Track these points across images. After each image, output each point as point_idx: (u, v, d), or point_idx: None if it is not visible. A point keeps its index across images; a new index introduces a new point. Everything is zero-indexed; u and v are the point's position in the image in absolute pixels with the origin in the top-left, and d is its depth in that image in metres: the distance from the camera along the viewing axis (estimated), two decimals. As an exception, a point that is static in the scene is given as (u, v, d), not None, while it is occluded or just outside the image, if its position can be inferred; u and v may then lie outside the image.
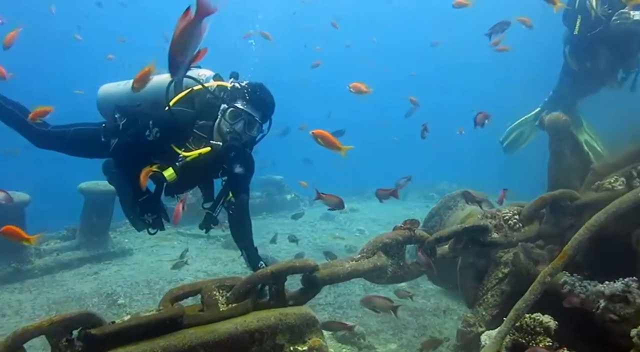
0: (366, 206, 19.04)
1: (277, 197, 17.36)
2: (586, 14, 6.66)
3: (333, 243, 12.80)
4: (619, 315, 3.81)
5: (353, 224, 15.67)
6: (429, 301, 8.19)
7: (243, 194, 4.89)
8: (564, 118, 4.82)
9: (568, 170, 4.89)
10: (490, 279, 4.92)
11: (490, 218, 4.10)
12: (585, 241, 3.65)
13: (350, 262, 3.63)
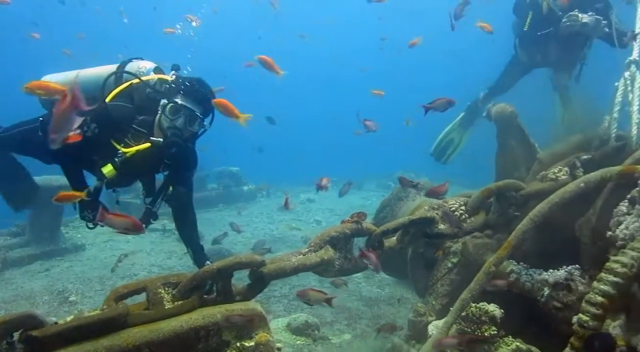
0: (324, 196, 18.97)
1: (234, 188, 17.21)
2: (538, 9, 6.79)
3: (289, 234, 12.78)
4: (562, 302, 3.90)
5: (310, 214, 15.68)
6: (383, 291, 8.26)
7: (182, 187, 4.80)
8: (510, 109, 4.88)
9: (515, 160, 4.97)
10: (439, 268, 4.99)
11: (437, 210, 4.13)
12: (529, 231, 3.71)
13: (297, 256, 3.61)
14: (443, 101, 4.62)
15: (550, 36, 6.86)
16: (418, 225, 3.94)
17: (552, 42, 7.00)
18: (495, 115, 4.95)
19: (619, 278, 3.05)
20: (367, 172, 22.75)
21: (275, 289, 8.14)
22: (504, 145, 5.00)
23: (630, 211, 3.59)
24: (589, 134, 4.89)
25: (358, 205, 16.61)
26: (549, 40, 6.95)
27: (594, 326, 3.07)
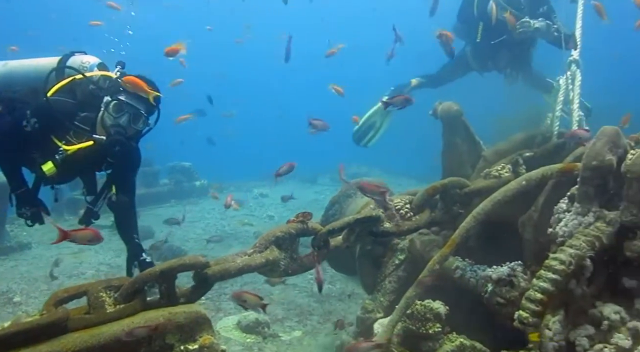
0: (277, 190, 18.94)
1: (186, 184, 16.98)
2: (487, 19, 6.91)
3: (242, 230, 12.71)
4: (505, 298, 3.96)
5: (263, 209, 15.60)
6: (334, 286, 8.29)
7: (126, 194, 4.69)
8: (456, 107, 4.94)
9: (460, 158, 5.03)
10: (387, 266, 5.02)
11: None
12: (472, 229, 3.76)
13: (242, 257, 3.58)
14: (402, 98, 4.69)
15: (502, 43, 7.00)
16: (363, 224, 3.95)
17: (503, 49, 7.14)
18: (441, 113, 4.99)
19: (557, 275, 3.11)
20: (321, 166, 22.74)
21: (227, 286, 8.07)
22: (449, 143, 5.05)
23: (569, 208, 3.66)
24: (532, 132, 5.00)
25: (311, 199, 16.60)
26: (500, 47, 7.08)
27: (533, 323, 3.13)
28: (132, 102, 4.33)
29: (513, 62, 7.33)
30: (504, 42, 6.96)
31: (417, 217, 4.22)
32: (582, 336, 3.29)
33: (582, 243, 3.21)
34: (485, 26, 7.01)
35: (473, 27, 7.21)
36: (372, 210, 4.12)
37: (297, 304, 7.58)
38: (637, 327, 3.19)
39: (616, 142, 3.44)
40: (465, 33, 7.56)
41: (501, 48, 7.08)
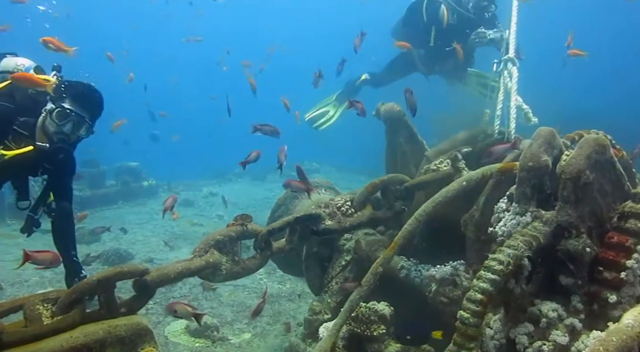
0: (227, 189, 18.83)
1: (134, 184, 16.67)
2: (439, 24, 7.00)
3: (191, 230, 12.56)
4: (448, 297, 4.02)
5: (213, 209, 15.44)
6: (284, 286, 8.28)
7: (67, 200, 4.60)
8: (398, 108, 4.97)
9: (404, 157, 5.07)
10: (334, 266, 5.02)
11: (324, 207, 4.16)
12: (414, 231, 3.79)
13: (183, 261, 3.54)
14: (271, 128, 4.85)
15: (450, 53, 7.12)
16: (304, 222, 3.95)
17: (452, 54, 7.24)
18: (384, 114, 5.02)
19: (496, 276, 3.15)
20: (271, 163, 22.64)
21: (175, 289, 7.99)
22: (392, 143, 5.09)
23: (508, 207, 3.73)
24: (474, 131, 5.07)
25: (261, 197, 16.55)
26: (450, 52, 7.18)
27: (474, 323, 3.16)
28: (77, 110, 4.24)
29: (458, 66, 7.43)
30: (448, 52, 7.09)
31: (359, 213, 4.24)
32: (522, 334, 3.36)
33: (520, 243, 3.26)
34: (437, 31, 7.10)
35: (422, 32, 7.28)
36: (313, 209, 4.11)
37: (246, 305, 7.53)
38: (574, 324, 3.27)
39: (551, 143, 3.51)
40: (411, 37, 7.60)
41: (450, 53, 7.17)
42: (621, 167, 4.62)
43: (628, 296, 3.24)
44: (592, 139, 3.29)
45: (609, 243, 3.30)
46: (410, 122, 5.07)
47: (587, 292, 3.36)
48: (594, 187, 3.29)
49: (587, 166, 3.22)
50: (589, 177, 3.22)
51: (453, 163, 4.57)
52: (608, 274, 3.27)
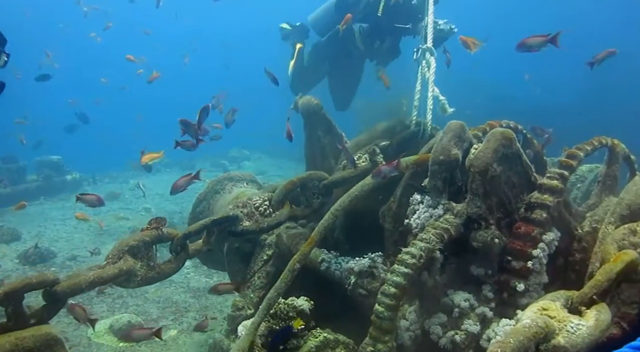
0: (154, 180, 18.37)
1: (56, 179, 16.02)
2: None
3: (117, 225, 12.21)
4: (366, 289, 4.06)
5: (139, 201, 15.05)
6: (211, 280, 8.19)
7: None
8: (315, 102, 4.95)
9: (323, 150, 5.07)
10: (256, 261, 4.99)
11: (242, 207, 4.11)
12: (330, 226, 3.80)
13: (95, 269, 3.43)
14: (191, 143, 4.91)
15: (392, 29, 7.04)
16: (221, 224, 3.89)
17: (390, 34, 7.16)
18: (302, 107, 5.00)
19: (409, 269, 3.20)
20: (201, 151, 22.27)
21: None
22: (311, 136, 5.07)
23: (423, 199, 3.78)
24: (392, 122, 5.10)
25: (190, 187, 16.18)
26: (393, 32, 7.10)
27: (388, 316, 3.20)
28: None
29: (393, 48, 7.41)
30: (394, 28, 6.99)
31: (277, 213, 4.21)
32: (436, 324, 3.44)
33: (432, 236, 3.32)
34: (386, 4, 6.93)
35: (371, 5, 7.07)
36: (230, 210, 4.06)
37: (173, 301, 7.42)
38: (485, 313, 3.37)
39: (461, 136, 3.58)
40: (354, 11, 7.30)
41: (389, 34, 7.08)
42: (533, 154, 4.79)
43: (535, 284, 3.36)
44: (499, 133, 3.37)
45: (517, 233, 3.41)
46: (328, 115, 5.06)
47: (497, 281, 3.46)
48: (501, 179, 3.38)
49: (494, 159, 3.30)
50: (496, 170, 3.31)
51: (371, 157, 4.60)
52: (516, 264, 3.37)
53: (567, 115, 18.92)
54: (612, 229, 3.13)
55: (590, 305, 2.54)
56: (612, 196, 3.91)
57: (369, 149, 4.63)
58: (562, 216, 3.53)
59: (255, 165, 22.05)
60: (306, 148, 5.13)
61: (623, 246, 2.87)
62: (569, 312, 2.54)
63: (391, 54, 7.52)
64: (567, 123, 18.01)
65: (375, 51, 7.49)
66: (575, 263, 3.57)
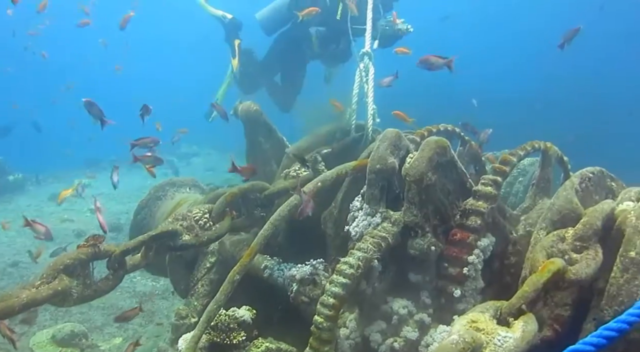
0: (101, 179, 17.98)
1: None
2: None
3: (61, 228, 11.93)
4: (308, 297, 4.06)
5: (85, 202, 14.71)
6: (158, 283, 8.09)
7: None
8: (255, 107, 4.92)
9: (264, 156, 5.05)
10: (199, 269, 4.95)
11: (182, 220, 4.05)
12: (270, 236, 3.78)
13: (30, 289, 3.32)
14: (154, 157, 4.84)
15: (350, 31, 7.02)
16: (160, 239, 3.83)
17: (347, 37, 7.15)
18: (241, 113, 4.96)
19: (347, 279, 3.21)
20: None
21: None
22: (252, 142, 5.05)
23: (362, 206, 3.80)
24: (332, 127, 5.12)
25: (138, 186, 15.98)
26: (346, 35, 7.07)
27: (328, 327, 3.21)
28: None
29: (345, 51, 7.45)
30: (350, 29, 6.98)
31: (217, 226, 4.17)
32: (375, 332, 3.47)
33: (370, 245, 3.35)
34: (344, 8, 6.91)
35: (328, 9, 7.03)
36: (169, 223, 4.00)
37: (118, 307, 7.30)
38: (423, 319, 3.42)
39: (397, 145, 3.61)
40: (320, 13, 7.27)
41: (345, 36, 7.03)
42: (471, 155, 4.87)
43: (471, 290, 3.42)
44: (433, 142, 3.40)
45: (453, 240, 3.46)
46: (269, 120, 5.04)
47: (435, 287, 3.51)
48: (437, 187, 3.42)
49: (429, 168, 3.33)
50: (431, 178, 3.34)
51: (313, 166, 4.60)
52: (453, 270, 3.43)
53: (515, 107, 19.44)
54: (543, 235, 3.19)
55: (519, 315, 2.59)
56: (545, 198, 4.00)
57: (310, 158, 4.63)
58: (497, 221, 3.59)
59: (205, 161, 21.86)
60: (248, 154, 5.10)
61: (551, 253, 2.94)
62: (498, 323, 2.59)
63: (343, 57, 7.56)
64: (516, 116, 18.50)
65: (328, 54, 7.52)
66: (510, 266, 3.64)
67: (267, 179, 4.92)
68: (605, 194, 3.63)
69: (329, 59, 7.76)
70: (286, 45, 7.66)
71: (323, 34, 7.38)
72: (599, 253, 2.98)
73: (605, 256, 2.95)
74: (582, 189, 3.37)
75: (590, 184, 3.46)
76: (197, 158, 22.05)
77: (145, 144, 5.17)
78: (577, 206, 3.21)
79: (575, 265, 2.85)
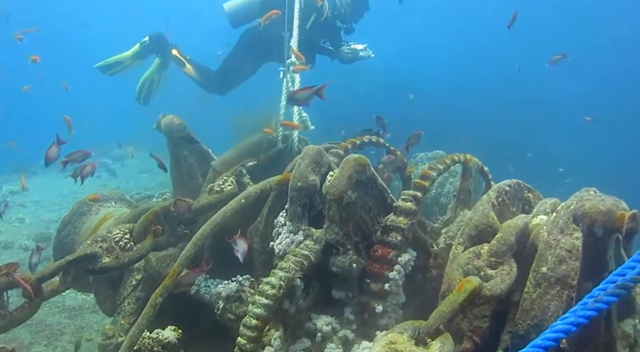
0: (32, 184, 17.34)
1: None
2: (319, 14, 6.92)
3: (-16, 239, 11.44)
4: (235, 314, 4.04)
5: (12, 211, 14.09)
6: (88, 297, 7.84)
7: None
8: (178, 121, 4.85)
9: (190, 169, 4.99)
10: (125, 286, 4.84)
11: (101, 242, 3.95)
12: (192, 256, 3.74)
13: None
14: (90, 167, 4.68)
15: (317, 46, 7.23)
16: (78, 264, 3.73)
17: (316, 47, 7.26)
18: (164, 128, 4.88)
19: (269, 300, 3.21)
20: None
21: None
22: (176, 156, 4.97)
23: (286, 221, 3.79)
24: (258, 138, 5.09)
25: (68, 191, 15.47)
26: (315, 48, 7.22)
27: (250, 348, 3.20)
28: None
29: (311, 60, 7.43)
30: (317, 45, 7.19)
31: (139, 246, 4.08)
32: (300, 350, 3.47)
33: (292, 264, 3.34)
34: (315, 18, 6.94)
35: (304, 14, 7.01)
36: (88, 246, 3.89)
37: (46, 324, 7.07)
38: (347, 336, 3.44)
39: (319, 162, 3.61)
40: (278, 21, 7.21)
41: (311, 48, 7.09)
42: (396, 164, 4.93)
43: (393, 305, 3.47)
44: (353, 160, 3.42)
45: (374, 256, 3.50)
46: (193, 133, 4.97)
47: (358, 303, 3.54)
48: (357, 204, 3.44)
49: (349, 187, 3.35)
50: (351, 197, 3.36)
51: (238, 179, 4.56)
52: (374, 286, 3.46)
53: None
54: (461, 250, 3.25)
55: (436, 335, 2.64)
56: (466, 209, 4.08)
57: (235, 171, 4.59)
58: (418, 236, 3.65)
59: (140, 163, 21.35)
60: (172, 168, 5.02)
61: (467, 270, 3.00)
62: (416, 343, 2.62)
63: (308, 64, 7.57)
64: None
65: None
66: (432, 279, 3.71)
67: (193, 194, 4.85)
68: (522, 206, 3.74)
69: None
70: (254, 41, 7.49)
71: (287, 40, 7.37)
72: (513, 268, 3.06)
73: (522, 269, 3.05)
74: (499, 202, 3.45)
75: (507, 197, 3.54)
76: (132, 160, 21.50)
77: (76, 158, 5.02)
78: (494, 220, 3.29)
79: (491, 281, 2.93)
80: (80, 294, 7.89)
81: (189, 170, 4.97)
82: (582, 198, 2.74)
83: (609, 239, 2.36)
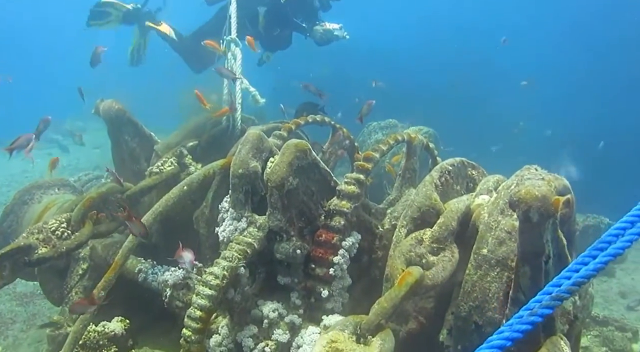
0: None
1: None
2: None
3: None
4: (182, 301, 3.99)
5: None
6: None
7: None
8: (117, 106, 4.71)
9: (132, 154, 4.86)
10: (72, 276, 4.74)
11: (37, 233, 3.84)
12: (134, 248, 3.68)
13: None
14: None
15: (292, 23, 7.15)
16: (12, 257, 3.63)
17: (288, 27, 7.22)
18: (103, 113, 4.74)
19: (213, 290, 3.18)
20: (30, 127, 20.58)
21: None
22: (117, 141, 4.84)
23: (229, 208, 3.74)
24: (201, 119, 4.99)
25: (19, 171, 15.07)
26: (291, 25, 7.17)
27: (196, 339, 3.18)
28: None
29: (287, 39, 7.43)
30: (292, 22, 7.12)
31: (77, 234, 3.99)
32: (247, 337, 3.46)
33: (235, 253, 3.31)
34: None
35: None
36: (23, 238, 3.78)
37: (-3, 315, 6.94)
38: (294, 321, 3.44)
39: (260, 147, 3.56)
40: None
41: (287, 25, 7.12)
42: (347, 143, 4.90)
43: (338, 289, 3.47)
44: (293, 146, 3.37)
45: (318, 241, 3.48)
46: (134, 117, 4.84)
47: (304, 287, 3.53)
48: (299, 190, 3.41)
49: (290, 173, 3.31)
50: (292, 183, 3.33)
51: (179, 160, 4.48)
52: (320, 270, 3.45)
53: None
54: (404, 232, 3.26)
55: (377, 331, 2.65)
56: (412, 188, 4.08)
57: (176, 152, 4.50)
58: (362, 218, 3.64)
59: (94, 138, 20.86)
60: (114, 153, 4.89)
61: (410, 258, 3.01)
62: (357, 340, 2.64)
63: (283, 43, 7.46)
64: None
65: (270, 37, 7.37)
66: (378, 260, 3.72)
67: (137, 178, 4.75)
68: (466, 184, 3.76)
69: (269, 43, 7.58)
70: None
71: (269, 16, 7.25)
72: (455, 253, 3.09)
73: (464, 250, 3.07)
74: (442, 183, 3.47)
75: (450, 177, 3.56)
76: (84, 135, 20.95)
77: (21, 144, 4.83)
78: (436, 202, 3.30)
79: (432, 270, 2.95)
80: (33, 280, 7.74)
81: (131, 155, 4.85)
82: (522, 178, 2.77)
83: (544, 224, 2.38)
